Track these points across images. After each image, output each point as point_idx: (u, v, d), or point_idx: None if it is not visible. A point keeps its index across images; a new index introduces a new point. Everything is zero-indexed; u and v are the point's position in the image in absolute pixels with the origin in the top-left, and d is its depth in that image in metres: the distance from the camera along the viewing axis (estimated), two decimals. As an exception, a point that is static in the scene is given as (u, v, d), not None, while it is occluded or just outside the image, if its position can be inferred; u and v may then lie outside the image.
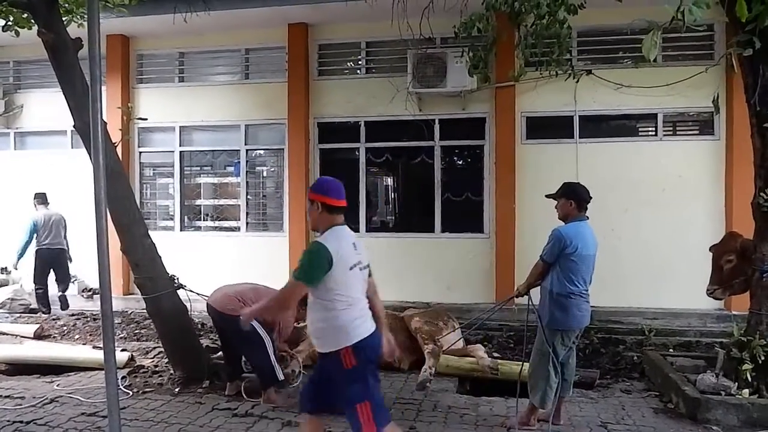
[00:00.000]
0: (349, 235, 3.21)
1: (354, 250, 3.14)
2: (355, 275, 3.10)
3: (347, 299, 3.04)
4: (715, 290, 4.54)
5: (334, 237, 3.10)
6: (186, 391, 4.95)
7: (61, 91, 4.86)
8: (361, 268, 3.16)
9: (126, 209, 4.91)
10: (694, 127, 7.86)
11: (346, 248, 3.09)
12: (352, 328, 3.02)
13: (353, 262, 3.10)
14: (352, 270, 3.08)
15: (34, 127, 9.45)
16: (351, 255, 3.10)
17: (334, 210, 3.18)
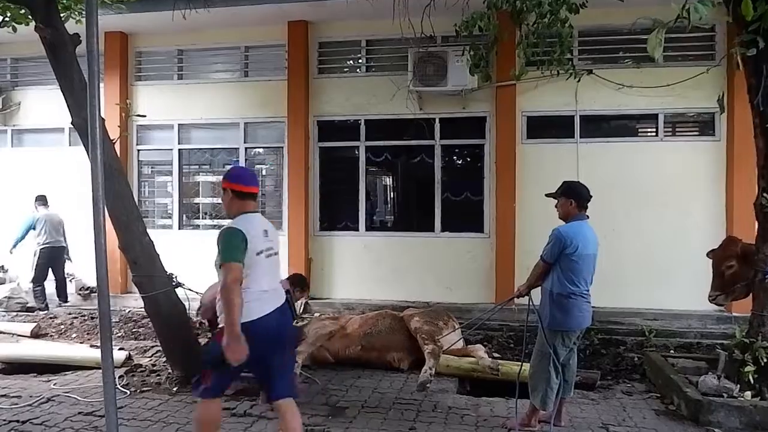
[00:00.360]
0: (261, 221, 3.34)
1: (264, 236, 3.27)
2: (261, 260, 3.21)
3: (247, 282, 3.14)
4: (717, 296, 4.50)
5: (244, 221, 3.23)
6: (184, 391, 4.90)
7: (58, 88, 4.82)
8: (268, 255, 3.28)
9: (124, 207, 4.86)
10: (695, 127, 7.84)
11: (255, 233, 3.20)
12: (246, 308, 3.10)
13: (261, 247, 3.22)
14: (258, 255, 3.19)
15: (31, 124, 9.40)
16: (260, 240, 3.22)
17: (244, 196, 3.33)
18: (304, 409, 4.44)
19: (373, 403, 4.67)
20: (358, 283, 8.29)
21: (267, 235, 3.31)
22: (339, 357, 5.65)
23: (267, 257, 3.27)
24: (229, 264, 3.08)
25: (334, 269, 8.38)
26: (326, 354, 5.66)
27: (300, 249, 8.28)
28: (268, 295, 3.27)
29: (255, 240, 3.18)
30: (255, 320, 3.16)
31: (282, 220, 8.54)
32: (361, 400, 4.74)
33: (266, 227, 3.35)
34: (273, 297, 3.32)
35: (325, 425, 4.16)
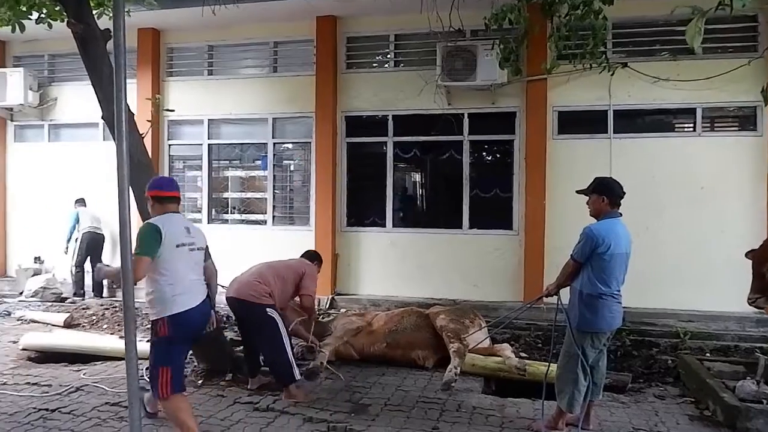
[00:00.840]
0: (181, 220, 3.65)
1: (186, 233, 3.56)
2: (182, 253, 3.48)
3: (171, 275, 3.43)
4: (757, 299, 4.29)
5: (162, 219, 3.50)
6: (208, 384, 4.94)
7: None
8: (191, 249, 3.55)
9: (152, 201, 4.89)
10: (735, 122, 7.53)
11: (173, 229, 3.48)
12: (171, 301, 3.42)
13: (181, 241, 3.49)
14: (179, 248, 3.47)
15: (67, 119, 9.63)
16: (179, 235, 3.50)
17: (164, 200, 3.61)
18: (327, 405, 4.45)
19: (396, 401, 4.62)
20: (385, 280, 8.24)
21: (189, 232, 3.59)
22: (364, 354, 5.62)
23: (190, 251, 3.55)
24: (141, 257, 3.35)
25: (360, 265, 8.36)
26: (351, 350, 5.63)
27: (327, 244, 8.26)
28: (195, 287, 3.57)
29: (173, 236, 3.45)
30: (182, 312, 3.44)
31: (309, 216, 8.56)
32: (384, 397, 4.70)
33: (189, 225, 3.66)
34: (198, 290, 3.59)
35: (348, 422, 4.12)
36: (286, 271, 4.97)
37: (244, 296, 4.67)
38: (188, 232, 3.58)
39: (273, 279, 4.82)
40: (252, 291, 4.67)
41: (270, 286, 4.75)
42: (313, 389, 4.78)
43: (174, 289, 3.43)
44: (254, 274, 4.86)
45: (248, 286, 4.72)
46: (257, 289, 4.68)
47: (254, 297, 4.64)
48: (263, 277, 4.81)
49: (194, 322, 3.55)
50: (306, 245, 8.31)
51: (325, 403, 4.50)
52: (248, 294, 4.66)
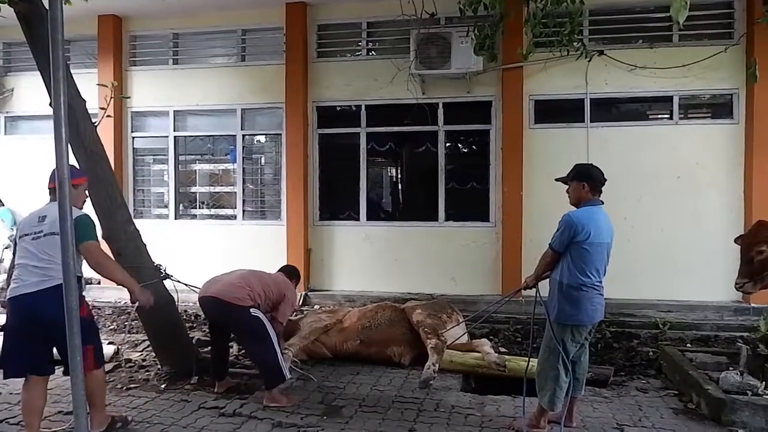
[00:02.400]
0: (41, 210, 3.69)
1: (37, 221, 3.59)
2: (23, 242, 3.57)
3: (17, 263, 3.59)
4: (744, 284, 4.17)
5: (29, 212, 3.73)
6: (173, 388, 4.65)
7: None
8: (33, 237, 3.54)
9: (107, 193, 4.59)
10: (712, 110, 7.46)
11: (27, 220, 3.67)
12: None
13: (27, 231, 3.58)
14: (21, 238, 3.59)
15: (24, 111, 9.14)
16: (27, 226, 3.61)
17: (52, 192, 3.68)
18: (298, 407, 4.21)
19: (371, 402, 4.40)
20: (359, 275, 8.02)
21: (41, 220, 3.59)
22: (337, 352, 5.38)
23: (32, 239, 3.55)
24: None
25: (334, 260, 8.11)
26: (323, 348, 5.39)
27: (299, 239, 8.01)
28: (23, 275, 3.53)
29: (23, 226, 3.65)
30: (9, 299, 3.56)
31: (281, 210, 8.28)
32: (358, 398, 4.47)
33: (45, 213, 3.61)
34: (26, 278, 3.52)
35: (320, 426, 3.90)
36: (272, 285, 4.65)
37: (227, 297, 4.30)
38: (40, 220, 3.60)
39: (257, 285, 4.50)
40: (235, 291, 4.33)
41: (253, 290, 4.42)
42: (291, 393, 4.51)
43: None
44: (238, 277, 4.54)
45: (232, 287, 4.36)
46: (240, 291, 4.34)
47: (237, 299, 4.29)
48: (247, 280, 4.49)
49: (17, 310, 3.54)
50: (278, 240, 8.10)
51: (295, 406, 4.26)
52: (232, 296, 4.29)
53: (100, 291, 8.38)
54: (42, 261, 3.49)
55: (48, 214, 3.55)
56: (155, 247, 5.20)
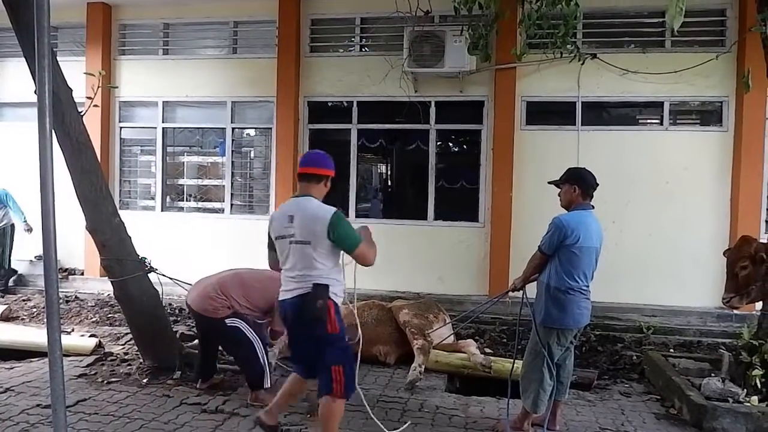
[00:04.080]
0: (290, 206, 3.45)
1: (288, 221, 3.33)
2: (281, 244, 3.40)
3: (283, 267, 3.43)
4: (731, 298, 4.20)
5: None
6: (154, 383, 4.60)
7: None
8: (290, 242, 3.33)
9: (92, 184, 4.50)
10: (701, 117, 7.51)
11: (278, 216, 3.45)
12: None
13: (282, 233, 3.39)
14: (277, 240, 3.45)
15: (9, 98, 8.97)
16: (280, 225, 3.40)
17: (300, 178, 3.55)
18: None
19: (355, 401, 4.31)
20: (346, 272, 7.94)
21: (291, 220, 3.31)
22: (322, 349, 5.34)
23: (289, 243, 3.30)
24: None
25: (322, 256, 8.05)
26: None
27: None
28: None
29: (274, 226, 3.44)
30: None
31: (269, 204, 8.22)
32: (342, 396, 4.44)
33: (292, 213, 3.33)
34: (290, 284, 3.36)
35: (303, 424, 3.87)
36: (259, 292, 4.31)
37: (199, 309, 4.19)
38: (290, 221, 3.30)
39: (236, 294, 4.23)
40: (207, 304, 4.15)
41: (230, 299, 4.19)
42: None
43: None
44: (214, 285, 4.26)
45: (205, 298, 4.18)
46: (213, 303, 4.15)
47: (209, 311, 4.14)
48: (224, 290, 4.22)
49: (282, 313, 3.44)
50: (266, 235, 8.01)
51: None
52: (203, 307, 4.17)
53: (82, 282, 8.28)
54: (298, 269, 3.29)
55: (295, 214, 3.29)
56: (140, 239, 5.13)
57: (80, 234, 7.23)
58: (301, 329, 3.36)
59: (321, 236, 3.24)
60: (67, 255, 8.22)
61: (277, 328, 4.47)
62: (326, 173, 3.47)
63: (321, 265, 3.29)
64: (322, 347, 3.30)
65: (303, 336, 3.38)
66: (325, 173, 3.46)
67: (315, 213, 3.27)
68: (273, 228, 3.42)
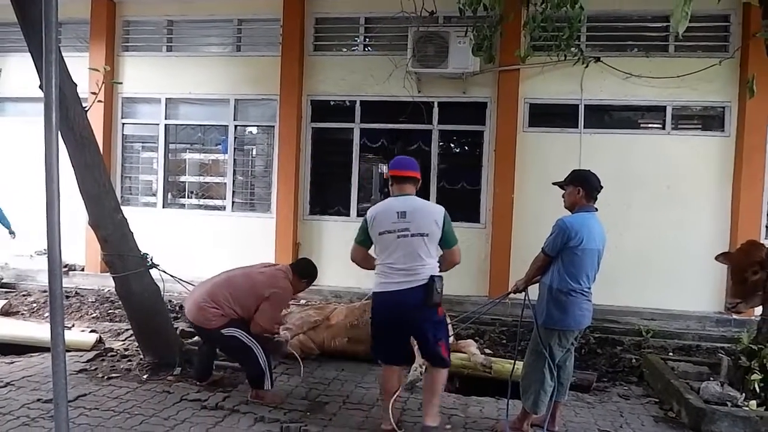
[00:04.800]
0: (394, 203, 3.74)
1: (396, 216, 3.65)
2: (386, 238, 3.67)
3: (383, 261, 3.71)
4: (737, 304, 4.18)
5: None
6: (155, 379, 4.61)
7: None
8: (398, 236, 3.64)
9: (95, 179, 4.51)
10: (704, 122, 7.52)
11: (382, 212, 3.70)
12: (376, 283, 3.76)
13: (388, 228, 3.65)
14: (381, 234, 3.66)
15: (12, 93, 8.96)
16: (386, 221, 3.68)
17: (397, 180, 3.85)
18: (282, 403, 4.18)
19: (355, 399, 4.39)
20: (348, 271, 7.85)
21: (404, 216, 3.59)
22: (324, 348, 5.36)
23: (399, 237, 3.58)
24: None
25: (322, 255, 8.05)
26: (311, 344, 5.36)
27: (288, 233, 7.96)
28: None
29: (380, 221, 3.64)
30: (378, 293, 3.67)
31: (271, 203, 8.23)
32: (342, 395, 4.46)
33: (404, 209, 3.62)
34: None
35: (302, 422, 3.87)
36: (248, 291, 4.20)
37: (194, 320, 4.19)
38: (402, 216, 3.59)
39: (225, 300, 4.14)
40: (201, 316, 4.12)
41: (222, 308, 4.12)
42: (281, 391, 4.44)
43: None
44: (206, 293, 4.19)
45: (198, 309, 4.14)
46: (206, 314, 4.10)
47: (203, 323, 4.13)
48: (214, 298, 4.14)
49: (383, 304, 3.66)
50: (266, 233, 8.05)
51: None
52: (197, 319, 4.15)
53: (83, 278, 8.29)
54: (409, 261, 3.57)
55: (407, 210, 3.61)
56: (142, 235, 5.12)
57: (81, 230, 7.26)
58: (412, 319, 3.63)
59: (436, 229, 3.63)
60: (67, 251, 8.20)
61: (255, 323, 4.24)
62: (419, 176, 3.85)
63: (430, 258, 3.65)
64: (434, 328, 3.69)
65: (410, 326, 3.67)
66: (419, 176, 3.84)
67: (428, 208, 3.73)
68: (377, 223, 3.63)
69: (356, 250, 3.81)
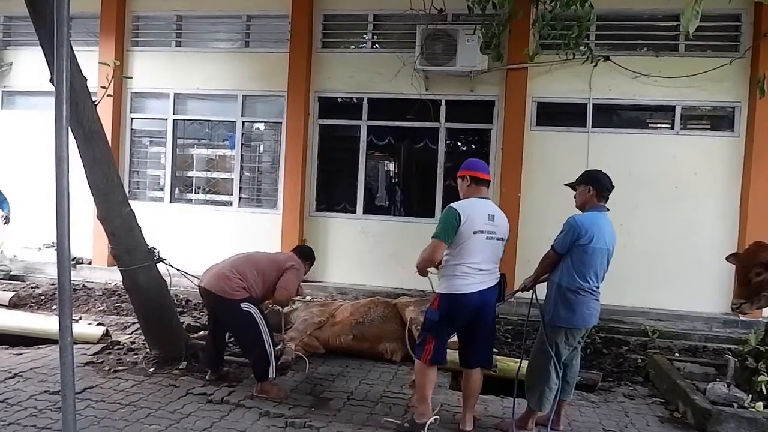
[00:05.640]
0: (485, 205, 3.85)
1: (487, 218, 3.73)
2: (478, 238, 3.69)
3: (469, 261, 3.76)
4: (741, 305, 4.16)
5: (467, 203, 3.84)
6: (161, 372, 4.63)
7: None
8: (487, 237, 3.75)
9: (103, 173, 4.53)
10: (713, 122, 7.46)
11: (473, 210, 3.71)
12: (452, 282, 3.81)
13: (481, 228, 3.70)
14: (475, 234, 3.67)
15: (23, 86, 9.04)
16: (479, 221, 3.71)
17: (478, 182, 3.96)
18: (287, 399, 4.20)
19: (359, 396, 4.40)
20: (353, 267, 7.99)
21: (492, 219, 3.73)
22: (330, 346, 5.36)
23: (487, 239, 3.69)
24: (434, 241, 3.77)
25: (328, 252, 8.08)
26: (316, 342, 5.36)
27: (294, 229, 7.98)
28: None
29: (472, 220, 3.65)
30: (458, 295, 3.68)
31: (277, 199, 8.25)
32: (347, 391, 4.47)
33: (493, 212, 3.77)
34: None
35: (307, 417, 3.88)
36: (268, 265, 4.47)
37: (216, 290, 4.21)
38: (491, 219, 3.71)
39: (251, 272, 4.33)
40: (225, 285, 4.19)
41: (246, 280, 4.26)
42: (286, 385, 4.46)
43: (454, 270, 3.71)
44: (229, 265, 4.36)
45: (221, 278, 4.23)
46: (230, 283, 4.19)
47: (226, 292, 4.17)
48: (239, 269, 4.31)
49: (467, 306, 3.69)
50: (273, 229, 8.06)
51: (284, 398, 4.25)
52: (220, 288, 4.19)
53: (90, 271, 8.34)
54: (489, 263, 3.74)
55: (495, 214, 3.78)
56: (149, 229, 5.13)
57: (89, 224, 7.29)
58: (487, 317, 3.79)
59: (507, 234, 3.88)
60: (75, 244, 8.25)
61: (280, 284, 4.47)
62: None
63: (499, 262, 3.85)
64: (494, 328, 3.97)
65: (483, 323, 3.79)
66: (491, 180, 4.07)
67: (504, 215, 3.90)
68: (470, 222, 3.63)
69: (439, 246, 3.71)
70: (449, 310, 3.70)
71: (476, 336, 3.80)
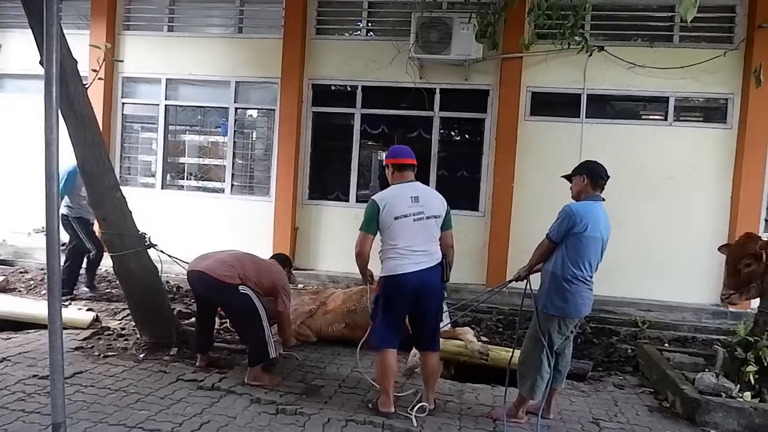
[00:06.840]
0: (406, 188, 3.91)
1: (410, 201, 3.79)
2: (402, 223, 3.77)
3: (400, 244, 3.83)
4: (731, 295, 4.20)
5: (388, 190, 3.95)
6: (151, 358, 4.61)
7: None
8: (415, 219, 3.80)
9: (94, 157, 4.48)
10: (706, 114, 7.48)
11: (394, 197, 3.82)
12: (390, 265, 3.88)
13: (404, 212, 3.77)
14: (398, 219, 3.75)
15: (12, 69, 8.89)
16: (401, 205, 3.79)
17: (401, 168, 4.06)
18: (278, 386, 4.20)
19: (351, 383, 4.40)
20: (345, 256, 7.80)
21: (417, 200, 3.77)
22: (322, 334, 5.36)
23: (415, 221, 3.74)
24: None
25: (320, 240, 8.07)
26: (308, 331, 5.36)
27: (287, 217, 7.95)
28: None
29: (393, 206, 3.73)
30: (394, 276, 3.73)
31: (270, 186, 8.21)
32: (338, 378, 4.47)
33: (416, 194, 3.80)
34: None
35: (298, 404, 3.88)
36: (266, 273, 4.44)
37: (216, 274, 4.16)
38: (415, 201, 3.76)
39: (251, 271, 4.34)
40: (226, 271, 4.19)
41: (246, 273, 4.27)
42: (278, 374, 4.44)
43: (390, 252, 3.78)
44: (231, 256, 4.39)
45: (223, 265, 4.23)
46: (231, 270, 4.21)
47: (227, 277, 4.17)
48: (241, 263, 4.33)
49: (405, 286, 3.73)
50: (265, 216, 8.03)
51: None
52: (221, 273, 4.17)
53: (81, 257, 8.25)
54: (425, 243, 3.77)
55: (419, 194, 3.82)
56: (140, 215, 5.10)
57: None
58: (430, 298, 3.81)
59: (443, 212, 3.89)
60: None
61: (280, 308, 4.45)
62: (416, 163, 4.04)
63: (437, 241, 3.86)
64: (439, 311, 3.99)
65: (427, 304, 3.81)
66: (416, 163, 4.04)
67: (435, 193, 3.99)
68: (390, 209, 3.72)
69: (366, 238, 3.81)
70: (388, 292, 3.78)
71: (423, 318, 3.86)
